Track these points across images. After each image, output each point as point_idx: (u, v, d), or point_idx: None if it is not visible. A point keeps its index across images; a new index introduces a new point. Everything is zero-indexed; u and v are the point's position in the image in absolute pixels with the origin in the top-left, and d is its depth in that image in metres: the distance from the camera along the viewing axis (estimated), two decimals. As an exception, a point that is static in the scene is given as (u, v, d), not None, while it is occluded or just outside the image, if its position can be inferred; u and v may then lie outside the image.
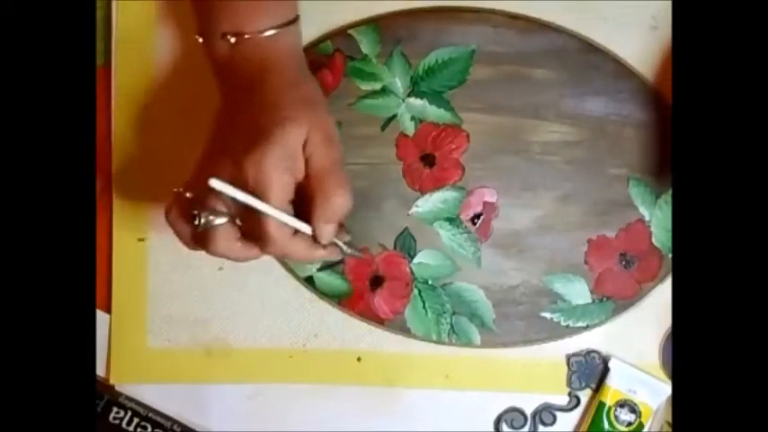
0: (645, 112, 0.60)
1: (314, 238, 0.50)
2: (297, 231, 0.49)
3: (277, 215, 0.48)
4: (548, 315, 0.60)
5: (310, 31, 0.59)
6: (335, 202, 0.49)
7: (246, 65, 0.51)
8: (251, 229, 0.49)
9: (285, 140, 0.48)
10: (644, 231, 0.60)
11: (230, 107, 0.52)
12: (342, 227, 0.53)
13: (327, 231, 0.50)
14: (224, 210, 0.49)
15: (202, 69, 0.55)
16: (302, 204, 0.49)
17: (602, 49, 0.59)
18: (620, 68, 0.59)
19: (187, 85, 0.59)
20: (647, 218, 0.60)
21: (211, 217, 0.48)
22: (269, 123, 0.48)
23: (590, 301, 0.60)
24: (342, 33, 0.59)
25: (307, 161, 0.49)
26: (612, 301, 0.60)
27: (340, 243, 0.53)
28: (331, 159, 0.49)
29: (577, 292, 0.60)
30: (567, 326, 0.60)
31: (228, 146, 0.49)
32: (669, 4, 0.59)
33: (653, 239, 0.60)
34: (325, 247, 0.51)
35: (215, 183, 0.46)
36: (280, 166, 0.47)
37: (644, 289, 0.60)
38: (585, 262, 0.60)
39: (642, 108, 0.60)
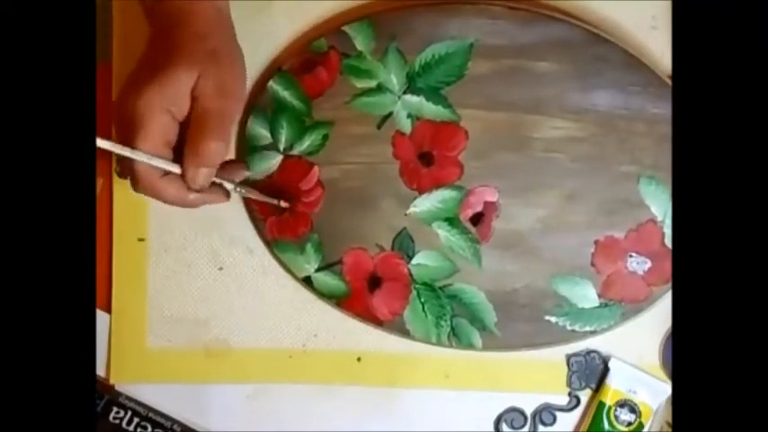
0: (657, 105, 0.56)
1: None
2: (168, 173, 0.50)
3: (137, 156, 0.48)
4: (552, 319, 0.58)
5: (304, 28, 0.58)
6: (207, 147, 0.49)
7: (163, 14, 0.51)
8: (125, 165, 0.50)
9: (170, 81, 0.48)
10: (656, 232, 0.57)
11: (145, 50, 0.52)
12: (239, 164, 0.54)
13: (198, 175, 0.50)
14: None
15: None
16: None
17: (611, 40, 0.56)
18: (629, 59, 0.56)
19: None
20: (659, 218, 0.57)
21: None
22: (162, 65, 0.48)
23: (597, 304, 0.57)
24: (336, 30, 0.57)
25: (192, 105, 0.49)
26: (621, 305, 0.57)
27: (228, 185, 0.53)
28: (217, 108, 0.49)
29: (584, 295, 0.57)
30: (573, 330, 0.58)
31: (131, 81, 0.50)
32: (669, 4, 0.57)
33: (666, 240, 0.57)
34: (199, 190, 0.51)
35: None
36: (158, 105, 0.48)
37: (655, 293, 0.57)
38: (592, 264, 0.57)
39: (654, 101, 0.56)
